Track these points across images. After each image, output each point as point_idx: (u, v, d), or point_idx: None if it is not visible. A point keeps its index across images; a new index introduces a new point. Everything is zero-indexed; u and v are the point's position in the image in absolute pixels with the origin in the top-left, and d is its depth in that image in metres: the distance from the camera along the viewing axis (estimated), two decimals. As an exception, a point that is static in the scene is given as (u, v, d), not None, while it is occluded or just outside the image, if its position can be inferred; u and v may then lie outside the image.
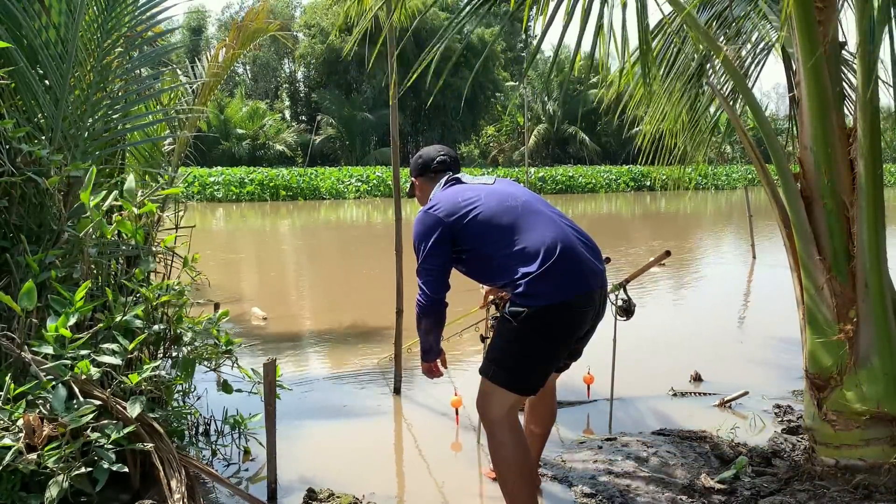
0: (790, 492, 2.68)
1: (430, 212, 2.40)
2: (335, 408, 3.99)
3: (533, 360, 2.29)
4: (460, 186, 2.51)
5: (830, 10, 2.78)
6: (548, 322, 2.24)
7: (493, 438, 2.32)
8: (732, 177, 36.82)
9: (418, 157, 2.70)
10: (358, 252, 12.32)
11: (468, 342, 4.53)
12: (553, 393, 2.75)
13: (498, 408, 2.30)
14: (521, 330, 2.25)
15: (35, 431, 2.15)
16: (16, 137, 2.73)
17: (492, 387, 2.31)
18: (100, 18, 3.22)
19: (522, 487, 2.31)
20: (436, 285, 2.38)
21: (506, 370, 2.29)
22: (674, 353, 5.09)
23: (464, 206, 2.37)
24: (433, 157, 2.66)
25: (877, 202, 2.67)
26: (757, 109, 2.97)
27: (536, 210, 2.37)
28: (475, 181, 2.55)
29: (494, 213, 2.34)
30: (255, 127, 37.29)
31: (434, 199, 2.48)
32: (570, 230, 2.36)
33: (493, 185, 2.49)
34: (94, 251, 2.81)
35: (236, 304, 6.81)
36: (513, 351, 2.29)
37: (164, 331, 2.96)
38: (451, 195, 2.44)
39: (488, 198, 2.39)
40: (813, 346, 2.82)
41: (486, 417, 2.34)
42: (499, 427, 2.30)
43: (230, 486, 2.71)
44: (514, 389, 2.29)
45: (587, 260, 2.31)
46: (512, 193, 2.43)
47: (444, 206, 2.39)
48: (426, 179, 2.67)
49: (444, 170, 2.64)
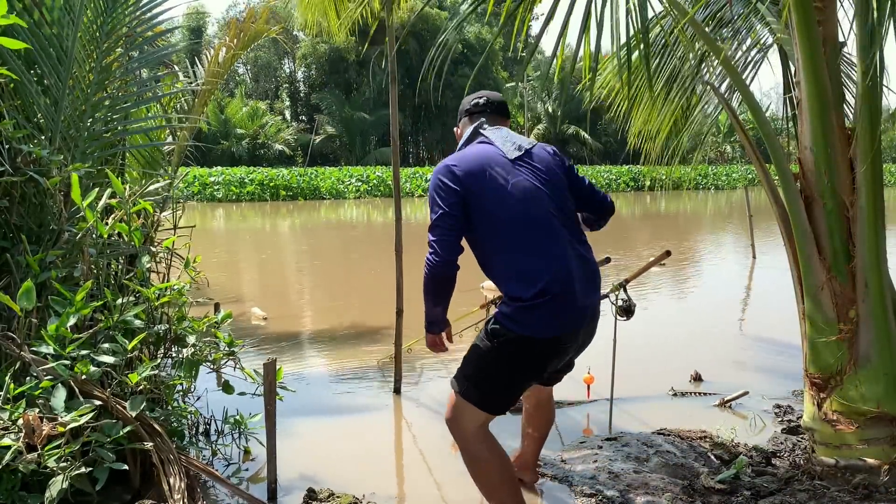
0: (790, 492, 2.68)
1: (450, 167, 2.24)
2: (335, 408, 3.99)
3: (505, 384, 2.23)
4: (491, 154, 2.27)
5: (830, 10, 2.78)
6: (526, 352, 2.17)
7: (467, 453, 2.27)
8: (732, 177, 36.84)
9: (463, 100, 2.56)
10: (358, 252, 12.32)
11: (468, 342, 4.52)
12: (550, 399, 2.75)
13: (469, 424, 2.25)
14: (500, 352, 2.19)
15: (35, 431, 2.15)
16: (16, 138, 2.73)
17: (463, 403, 2.25)
18: (99, 19, 3.22)
19: (510, 496, 2.27)
20: (448, 246, 2.18)
21: (478, 389, 2.23)
22: (674, 353, 5.09)
23: (485, 184, 2.20)
24: (470, 100, 2.51)
25: (877, 202, 2.67)
26: (757, 109, 2.97)
27: (552, 227, 2.20)
28: (508, 149, 2.30)
29: (511, 212, 2.18)
30: (255, 127, 37.30)
31: (459, 155, 2.31)
32: (577, 256, 2.22)
33: (523, 174, 2.24)
34: (93, 251, 2.81)
35: (236, 304, 6.81)
36: (488, 371, 2.23)
37: (164, 331, 2.96)
38: (477, 160, 2.25)
39: (513, 189, 2.19)
40: (813, 346, 2.82)
41: (456, 433, 2.29)
42: (472, 441, 2.25)
43: (230, 486, 2.70)
44: (485, 409, 2.24)
45: (581, 298, 2.18)
46: (536, 197, 2.21)
47: (464, 169, 2.22)
48: (465, 122, 2.51)
49: (478, 112, 2.47)
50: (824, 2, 2.75)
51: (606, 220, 2.58)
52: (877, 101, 2.64)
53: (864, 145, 2.64)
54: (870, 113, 2.63)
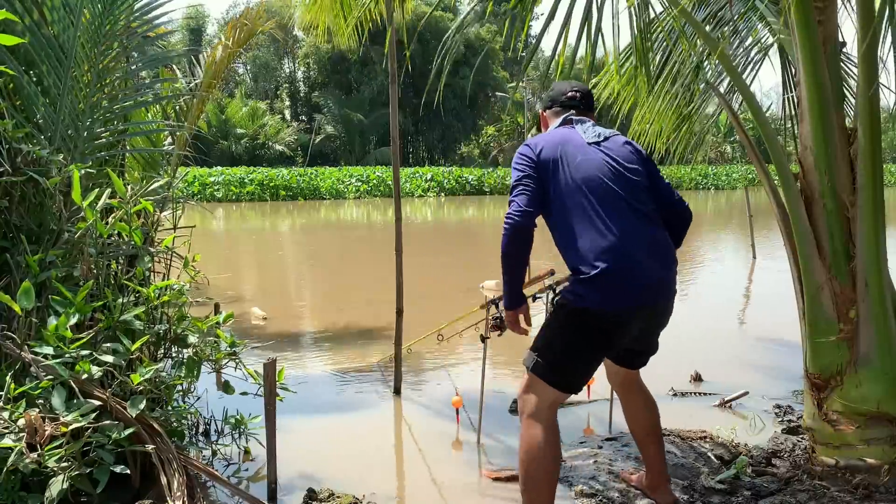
0: (790, 492, 2.68)
1: (530, 144, 2.35)
2: (335, 408, 3.99)
3: (568, 356, 2.24)
4: (569, 135, 2.38)
5: (830, 10, 2.78)
6: (585, 324, 2.21)
7: (527, 433, 2.24)
8: (732, 177, 36.82)
9: (550, 90, 2.60)
10: (358, 252, 12.32)
11: (468, 342, 4.53)
12: (640, 388, 2.62)
13: (538, 402, 2.24)
14: (563, 323, 2.25)
15: (36, 431, 2.15)
16: (16, 138, 2.73)
17: (533, 379, 2.27)
18: (97, 20, 3.22)
19: (540, 495, 2.22)
20: (527, 198, 2.23)
21: (544, 361, 2.25)
22: (674, 353, 5.08)
23: (558, 159, 2.28)
24: (563, 92, 2.54)
25: (877, 202, 2.67)
26: (757, 110, 2.96)
27: (618, 204, 2.22)
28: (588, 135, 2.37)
29: (577, 186, 2.23)
30: (255, 127, 37.32)
31: (542, 135, 2.42)
32: (644, 234, 2.23)
33: (597, 155, 2.30)
34: (93, 251, 2.81)
35: (236, 304, 6.81)
36: (552, 343, 2.27)
37: (164, 331, 2.96)
38: (555, 139, 2.36)
39: (583, 164, 2.27)
40: (813, 346, 2.82)
41: (524, 411, 2.28)
42: (535, 421, 2.23)
43: (230, 486, 2.70)
44: (551, 382, 2.24)
45: (645, 274, 2.20)
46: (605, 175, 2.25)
47: (542, 146, 2.32)
48: (553, 113, 2.55)
49: (570, 106, 2.51)
50: (824, 2, 2.75)
51: (683, 229, 2.48)
52: (876, 101, 2.64)
53: (864, 145, 2.64)
54: (870, 113, 2.63)
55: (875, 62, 2.60)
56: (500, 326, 3.18)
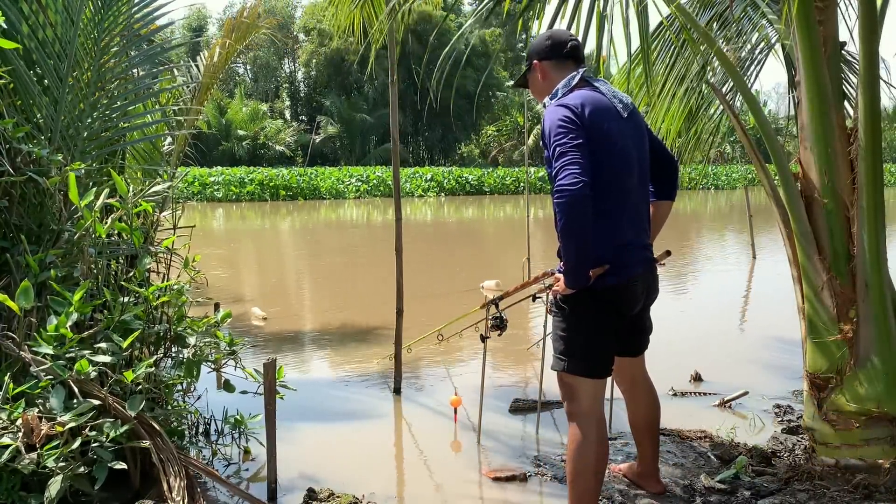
0: (790, 492, 2.68)
1: (571, 105, 2.15)
2: (335, 407, 3.99)
3: (590, 338, 2.28)
4: (608, 107, 2.23)
5: (830, 9, 2.78)
6: (599, 300, 2.25)
7: (578, 429, 2.25)
8: (732, 177, 36.82)
9: (546, 38, 2.36)
10: (358, 252, 12.32)
11: (468, 342, 4.52)
12: (645, 378, 2.68)
13: (585, 398, 2.27)
14: (573, 312, 2.26)
15: (34, 430, 2.15)
16: (16, 137, 2.73)
17: (572, 379, 2.28)
18: (97, 17, 3.22)
19: (587, 491, 2.24)
20: (581, 167, 2.05)
21: (571, 356, 2.28)
22: (674, 353, 5.08)
23: (602, 136, 2.16)
24: (565, 40, 2.34)
25: (877, 202, 2.66)
26: (757, 110, 2.97)
27: (628, 200, 2.29)
28: (619, 107, 2.26)
29: (608, 176, 2.18)
30: (256, 128, 37.32)
31: (574, 96, 2.20)
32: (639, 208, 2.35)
33: (629, 139, 2.26)
34: (93, 251, 2.81)
35: (236, 304, 6.81)
36: (570, 335, 2.28)
37: (164, 331, 2.96)
38: (599, 109, 2.18)
39: (621, 153, 2.22)
40: (813, 346, 2.82)
41: (574, 412, 2.29)
42: (586, 420, 2.26)
43: (230, 486, 2.70)
44: (592, 374, 2.27)
45: (639, 250, 2.35)
46: (630, 168, 2.27)
47: (589, 110, 2.15)
48: (554, 64, 2.34)
49: (574, 57, 2.33)
50: (825, 2, 2.74)
51: (677, 177, 2.57)
52: (877, 101, 2.64)
53: (864, 145, 2.64)
54: (870, 112, 2.63)
55: (876, 61, 2.60)
56: (500, 326, 3.18)
